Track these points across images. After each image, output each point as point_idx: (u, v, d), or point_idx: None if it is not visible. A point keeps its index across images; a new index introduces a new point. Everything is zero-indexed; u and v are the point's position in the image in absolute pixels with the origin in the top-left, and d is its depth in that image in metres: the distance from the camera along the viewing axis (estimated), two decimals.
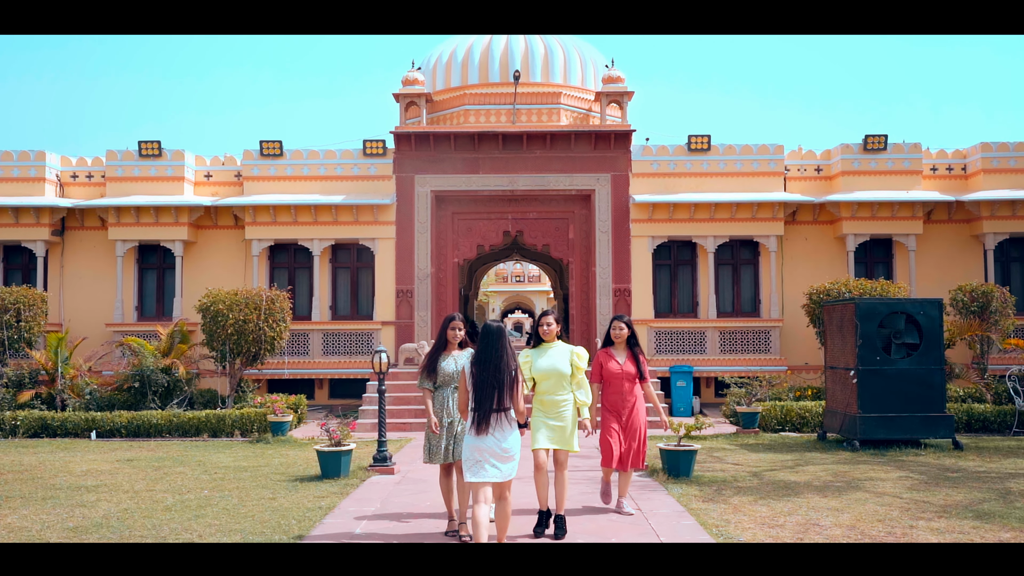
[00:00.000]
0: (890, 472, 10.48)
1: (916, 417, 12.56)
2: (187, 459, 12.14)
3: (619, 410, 8.03)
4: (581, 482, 9.84)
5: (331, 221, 18.91)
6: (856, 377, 12.65)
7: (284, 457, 12.29)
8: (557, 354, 7.51)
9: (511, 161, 18.82)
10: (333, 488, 9.60)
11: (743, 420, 14.79)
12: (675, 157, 19.12)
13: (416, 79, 19.25)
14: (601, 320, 18.56)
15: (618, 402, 8.03)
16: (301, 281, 19.59)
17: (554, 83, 19.88)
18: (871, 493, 9.11)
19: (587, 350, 18.54)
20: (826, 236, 19.40)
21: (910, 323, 12.77)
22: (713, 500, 8.77)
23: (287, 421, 14.56)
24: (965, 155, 19.52)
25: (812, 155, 19.69)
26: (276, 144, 19.01)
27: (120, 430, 14.80)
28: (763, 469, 10.84)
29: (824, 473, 10.45)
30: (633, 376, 8.04)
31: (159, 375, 15.82)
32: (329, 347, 18.78)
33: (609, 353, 8.17)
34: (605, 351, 8.22)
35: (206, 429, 14.85)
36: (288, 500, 8.91)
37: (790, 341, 18.88)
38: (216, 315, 16.03)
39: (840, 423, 13.08)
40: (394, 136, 18.81)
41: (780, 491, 9.28)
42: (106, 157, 19.17)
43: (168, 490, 9.56)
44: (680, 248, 19.59)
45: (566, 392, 7.43)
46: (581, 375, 7.54)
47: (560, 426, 7.38)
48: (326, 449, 10.20)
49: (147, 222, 18.84)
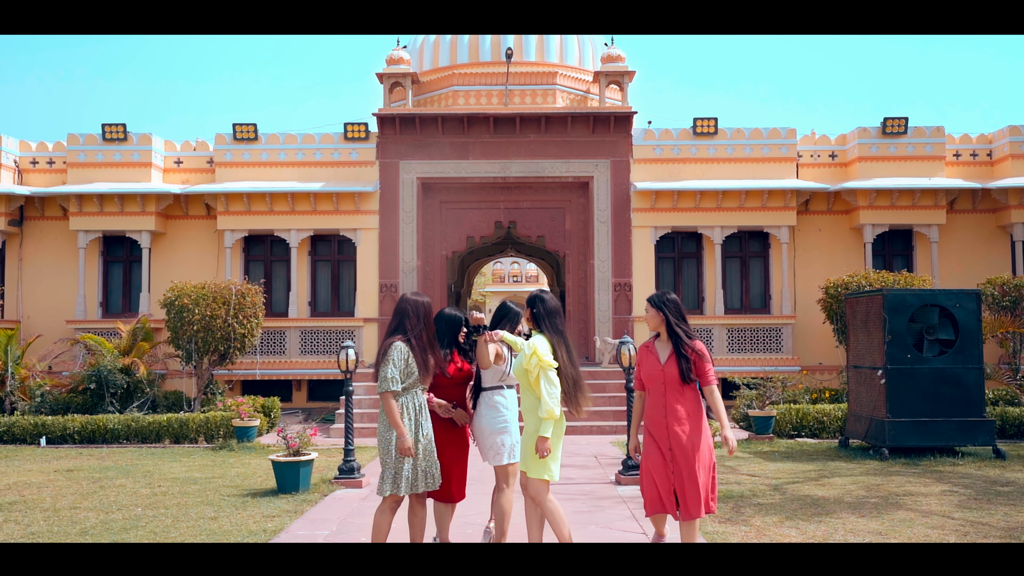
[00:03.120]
0: (930, 485, 9.15)
1: (952, 422, 11.22)
2: (135, 469, 10.82)
3: (660, 429, 5.63)
4: (577, 497, 8.52)
5: (310, 210, 17.58)
6: (884, 377, 11.32)
7: (244, 467, 10.97)
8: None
9: (503, 146, 17.48)
10: (287, 505, 8.26)
11: (756, 425, 13.47)
12: (679, 142, 17.79)
13: (401, 58, 17.93)
14: (600, 317, 17.23)
15: (658, 417, 5.63)
16: (278, 275, 18.25)
17: (549, 63, 18.55)
18: (915, 512, 7.78)
19: (585, 350, 17.33)
20: (841, 227, 18.07)
21: (944, 317, 11.45)
22: (732, 521, 7.43)
23: (253, 426, 13.24)
24: (991, 140, 18.18)
25: (826, 140, 18.36)
26: (251, 127, 17.68)
27: (73, 436, 13.49)
28: (784, 481, 9.51)
29: (855, 487, 9.12)
30: (677, 380, 5.60)
31: (118, 376, 14.49)
32: (307, 346, 17.44)
33: (649, 348, 5.83)
34: (646, 345, 5.89)
35: (168, 435, 13.53)
36: (230, 521, 7.57)
37: (803, 339, 17.54)
38: (181, 310, 14.71)
39: (865, 428, 11.75)
40: (377, 119, 17.48)
41: (808, 509, 7.95)
42: (67, 141, 17.80)
43: (95, 508, 8.22)
44: (685, 240, 18.24)
45: (530, 396, 5.72)
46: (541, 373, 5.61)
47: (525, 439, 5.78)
48: (282, 459, 8.87)
49: (111, 211, 17.49)
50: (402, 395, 5.63)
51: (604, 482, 9.55)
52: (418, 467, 5.64)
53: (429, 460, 5.70)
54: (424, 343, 5.70)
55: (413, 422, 5.65)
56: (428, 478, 5.70)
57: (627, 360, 9.83)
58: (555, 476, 5.75)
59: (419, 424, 5.68)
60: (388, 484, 5.60)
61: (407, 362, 5.61)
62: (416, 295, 5.87)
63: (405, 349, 5.63)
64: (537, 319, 5.82)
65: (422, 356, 5.66)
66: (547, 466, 5.68)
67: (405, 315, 5.73)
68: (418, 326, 5.70)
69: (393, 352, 5.60)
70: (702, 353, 5.62)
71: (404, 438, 5.52)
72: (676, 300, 5.76)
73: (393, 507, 5.68)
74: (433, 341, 5.79)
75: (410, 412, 5.66)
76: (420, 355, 5.65)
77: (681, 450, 5.51)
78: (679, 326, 5.67)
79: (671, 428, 5.56)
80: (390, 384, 5.51)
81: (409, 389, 5.66)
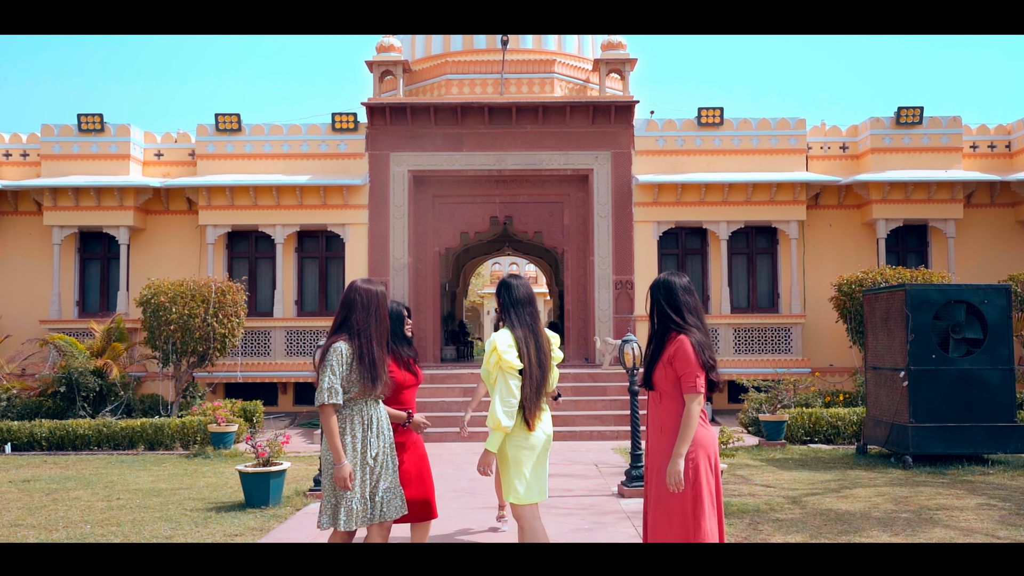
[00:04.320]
0: (963, 498, 8.32)
1: (980, 428, 10.38)
2: (98, 479, 10.00)
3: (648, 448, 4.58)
4: (575, 512, 7.70)
5: (296, 205, 16.76)
6: (907, 379, 10.48)
7: (216, 476, 10.15)
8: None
9: (499, 137, 16.67)
10: (253, 522, 7.43)
11: (766, 430, 12.64)
12: (683, 132, 16.97)
13: (392, 45, 17.12)
14: (600, 316, 16.41)
15: (650, 431, 4.54)
16: (263, 273, 17.43)
17: (547, 50, 17.77)
18: (954, 530, 6.95)
19: (585, 350, 16.50)
20: (853, 221, 17.26)
21: (971, 314, 10.62)
22: (749, 540, 6.61)
23: (231, 432, 12.42)
24: (1009, 131, 17.36)
25: (837, 131, 17.54)
26: (234, 117, 16.86)
27: (40, 442, 12.67)
28: (802, 493, 8.68)
29: (881, 499, 8.30)
30: (671, 383, 4.41)
31: (89, 378, 13.69)
32: (294, 346, 16.62)
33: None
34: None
35: (142, 441, 12.71)
36: (186, 540, 6.74)
37: (813, 339, 16.72)
38: (158, 308, 13.91)
39: (886, 434, 10.91)
40: (367, 108, 16.66)
41: (833, 526, 7.12)
42: (41, 133, 16.98)
43: (38, 525, 7.39)
44: (689, 235, 17.42)
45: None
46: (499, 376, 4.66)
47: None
48: (250, 470, 8.05)
49: (88, 205, 16.67)
50: (346, 407, 4.61)
51: (606, 494, 8.72)
52: (368, 497, 4.58)
53: (386, 486, 4.64)
54: (373, 344, 4.61)
55: (361, 442, 4.59)
56: (385, 508, 4.62)
57: (631, 360, 8.98)
58: (522, 497, 4.65)
59: (367, 443, 4.61)
60: (326, 516, 4.57)
61: (351, 367, 4.56)
62: (368, 282, 4.77)
63: (347, 352, 4.57)
64: (503, 309, 4.81)
65: (369, 360, 4.58)
66: (512, 484, 4.67)
67: (352, 308, 4.66)
68: (367, 321, 4.63)
69: (332, 356, 4.55)
70: (678, 349, 4.32)
71: (339, 465, 4.47)
72: (671, 283, 4.51)
73: (345, 538, 4.66)
74: (384, 341, 4.72)
75: (355, 429, 4.60)
76: (368, 358, 4.58)
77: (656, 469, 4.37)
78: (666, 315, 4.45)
79: (650, 439, 4.47)
80: (326, 396, 4.49)
81: (357, 400, 4.61)
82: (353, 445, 4.58)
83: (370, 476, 4.61)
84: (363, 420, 4.63)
